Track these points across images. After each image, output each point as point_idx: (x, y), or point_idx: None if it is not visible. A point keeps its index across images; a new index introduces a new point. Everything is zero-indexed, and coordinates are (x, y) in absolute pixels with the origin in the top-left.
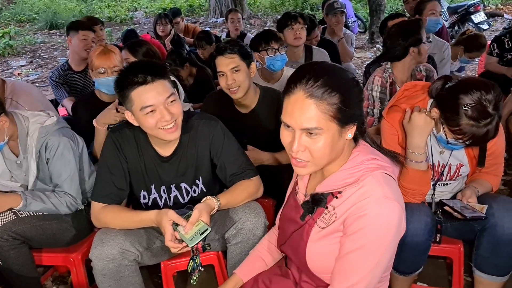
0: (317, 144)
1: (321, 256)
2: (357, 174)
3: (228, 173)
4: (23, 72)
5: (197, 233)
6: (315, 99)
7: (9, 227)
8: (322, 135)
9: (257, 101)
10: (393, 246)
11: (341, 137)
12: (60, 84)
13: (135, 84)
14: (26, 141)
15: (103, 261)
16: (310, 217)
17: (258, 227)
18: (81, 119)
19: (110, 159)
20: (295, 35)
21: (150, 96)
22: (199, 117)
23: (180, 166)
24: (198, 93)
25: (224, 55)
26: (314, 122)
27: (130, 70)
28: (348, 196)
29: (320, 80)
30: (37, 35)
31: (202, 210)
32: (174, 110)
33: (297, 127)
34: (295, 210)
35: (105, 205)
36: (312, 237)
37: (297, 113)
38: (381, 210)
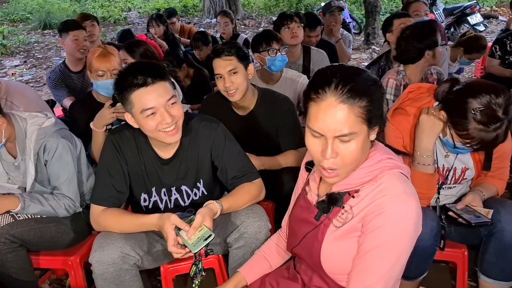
0: (349, 149)
1: (337, 256)
2: (375, 172)
3: (229, 176)
4: (17, 72)
5: (201, 238)
6: (349, 104)
7: (7, 230)
8: (355, 139)
9: (255, 103)
10: (410, 244)
11: (368, 139)
12: (58, 84)
13: (135, 86)
14: (24, 142)
15: (104, 265)
16: (326, 217)
17: (261, 230)
18: (78, 121)
19: (110, 161)
20: (292, 34)
21: (151, 98)
22: (199, 119)
23: (181, 169)
24: (196, 94)
25: (221, 57)
26: (349, 128)
27: (130, 72)
28: (365, 195)
29: (350, 84)
30: (31, 35)
31: (205, 215)
32: (175, 113)
33: (331, 135)
34: (307, 210)
35: (105, 208)
36: (327, 237)
37: (330, 119)
38: (400, 207)
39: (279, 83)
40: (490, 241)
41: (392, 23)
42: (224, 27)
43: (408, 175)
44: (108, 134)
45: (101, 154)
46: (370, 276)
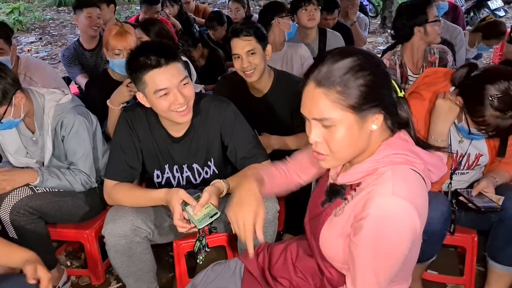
0: (334, 136)
1: (332, 245)
2: (378, 165)
3: (238, 156)
4: (32, 49)
5: (207, 215)
6: (324, 88)
7: (26, 202)
8: (338, 126)
9: (271, 84)
10: (402, 249)
11: (362, 128)
12: (72, 62)
13: (149, 67)
14: (42, 118)
15: (115, 237)
16: (329, 206)
17: (269, 211)
18: (94, 98)
19: (123, 137)
20: (309, 16)
21: (164, 79)
22: (210, 99)
23: (192, 148)
24: (210, 74)
25: (240, 37)
26: (324, 112)
27: (142, 52)
28: (362, 190)
29: (326, 68)
30: (46, 12)
31: (212, 193)
32: (187, 93)
33: (310, 117)
34: (320, 194)
35: (117, 182)
36: (326, 225)
37: (308, 103)
38: (384, 210)
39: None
40: (500, 227)
41: None
42: (235, 12)
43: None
44: (122, 111)
45: (114, 131)
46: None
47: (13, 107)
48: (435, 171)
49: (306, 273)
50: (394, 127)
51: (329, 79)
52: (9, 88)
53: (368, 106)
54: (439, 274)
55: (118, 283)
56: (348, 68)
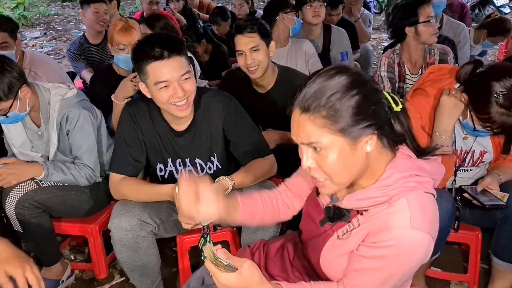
0: (326, 160)
1: (333, 265)
2: (391, 193)
3: (241, 151)
4: (37, 44)
5: None
6: (309, 114)
7: (31, 196)
8: (328, 150)
9: (275, 80)
10: (411, 273)
11: (355, 151)
12: (78, 56)
13: (152, 58)
14: (48, 112)
15: (122, 232)
16: (330, 227)
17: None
18: (99, 93)
19: (127, 131)
20: (314, 12)
21: (166, 71)
22: (213, 94)
23: (194, 142)
24: (214, 70)
25: (243, 33)
26: (311, 137)
27: (148, 43)
28: (374, 215)
29: (311, 92)
30: (51, 7)
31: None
32: (187, 87)
33: (298, 142)
34: (316, 210)
35: (123, 177)
36: (327, 246)
37: (295, 128)
38: (406, 244)
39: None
40: (505, 224)
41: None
42: (239, 8)
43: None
44: (124, 105)
45: (118, 125)
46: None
47: (19, 101)
48: (438, 178)
49: (302, 272)
50: (391, 145)
51: (313, 103)
52: (15, 82)
53: (358, 128)
54: (442, 271)
55: (122, 277)
56: (334, 90)
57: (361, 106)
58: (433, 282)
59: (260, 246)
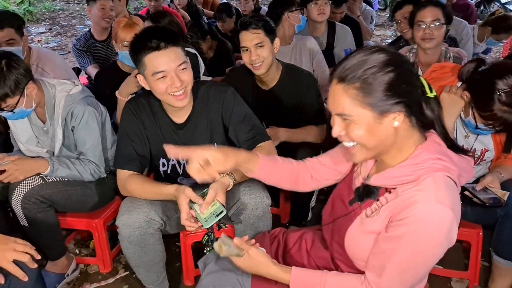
0: (353, 130)
1: (358, 245)
2: (419, 172)
3: (239, 138)
4: (42, 39)
5: (213, 214)
6: (343, 85)
7: (37, 190)
8: (355, 122)
9: (279, 77)
10: (437, 255)
11: (381, 124)
12: (83, 52)
13: (149, 49)
14: (53, 108)
15: (130, 229)
16: (358, 206)
17: (258, 207)
18: (104, 90)
19: (129, 127)
20: (319, 10)
21: (162, 62)
22: (210, 85)
23: (195, 133)
24: (218, 67)
25: (248, 30)
26: (343, 109)
27: (145, 35)
28: (401, 194)
29: (349, 65)
30: (56, 2)
31: (218, 190)
32: (184, 78)
33: (332, 112)
34: (347, 191)
35: (130, 174)
36: (354, 225)
37: (331, 98)
38: (430, 216)
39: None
40: (506, 222)
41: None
42: (244, 5)
43: (463, 174)
44: (126, 102)
45: (120, 122)
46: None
47: (25, 98)
48: (465, 176)
49: (319, 262)
50: (420, 126)
51: (350, 75)
52: (21, 78)
53: (387, 103)
54: (443, 268)
55: (126, 271)
56: (371, 65)
57: (393, 83)
58: (434, 278)
59: (280, 234)
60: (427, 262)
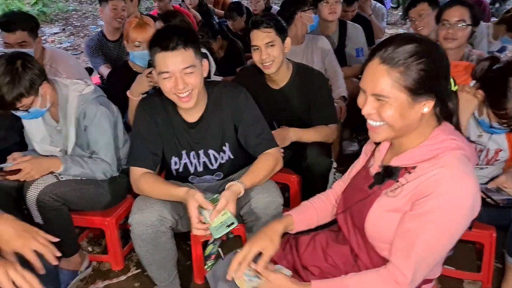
0: (385, 110)
1: (380, 226)
2: (436, 151)
3: (248, 141)
4: (56, 40)
5: (223, 224)
6: (387, 66)
7: (51, 189)
8: (390, 103)
9: (290, 77)
10: (462, 227)
11: (412, 109)
12: (96, 52)
13: (160, 48)
14: (66, 108)
15: (143, 227)
16: (378, 188)
17: (270, 206)
18: (115, 89)
19: (143, 125)
20: (330, 9)
21: (169, 63)
22: (223, 85)
23: (207, 133)
24: (229, 66)
25: (259, 28)
26: (380, 89)
27: (160, 33)
28: (422, 173)
29: (397, 48)
30: (69, 3)
31: (229, 199)
32: (189, 81)
33: (368, 92)
34: (365, 180)
35: (143, 172)
36: (375, 205)
37: (369, 78)
38: (455, 188)
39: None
40: None
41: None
42: (255, 4)
43: (471, 157)
44: (139, 101)
45: (134, 120)
46: (410, 255)
47: (40, 98)
48: (472, 160)
49: (337, 259)
50: (441, 116)
51: (394, 59)
52: (36, 79)
53: (423, 91)
54: (456, 270)
55: (138, 269)
56: (414, 52)
57: (433, 74)
58: (447, 280)
59: (290, 238)
60: (454, 236)
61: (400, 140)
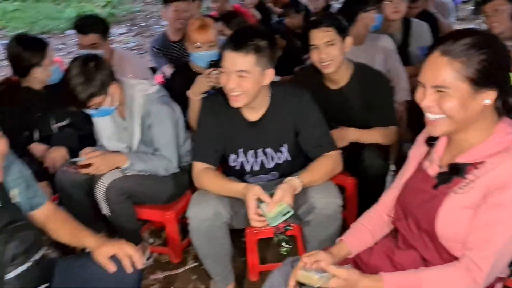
0: (446, 102)
1: (452, 224)
2: (506, 143)
3: (308, 144)
4: (123, 40)
5: (280, 213)
6: (448, 57)
7: (117, 183)
8: (451, 95)
9: (349, 77)
10: None
11: (474, 100)
12: (159, 52)
13: (228, 43)
14: (132, 107)
15: (198, 220)
16: (445, 187)
17: (329, 207)
18: (177, 89)
19: (207, 123)
20: (394, 8)
21: (228, 62)
22: (287, 87)
23: (267, 132)
24: (287, 65)
25: (319, 28)
26: (441, 80)
27: (239, 32)
28: (493, 166)
29: (457, 40)
30: (135, 4)
31: (285, 191)
32: (241, 84)
33: (428, 84)
34: (424, 182)
35: (205, 167)
36: (445, 204)
37: (429, 70)
38: None
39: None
40: None
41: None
42: (315, 2)
43: None
44: (203, 99)
45: (199, 118)
46: (488, 248)
47: (109, 97)
48: None
49: (407, 265)
50: (499, 110)
51: (455, 50)
52: (106, 79)
53: (485, 82)
54: None
55: (195, 263)
56: (474, 43)
57: (495, 65)
58: None
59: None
60: None
61: (462, 136)
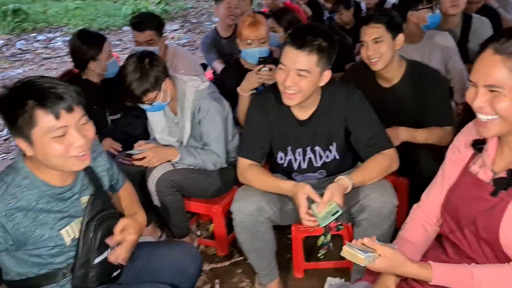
0: (500, 102)
1: None
2: None
3: (360, 143)
4: (175, 36)
5: (329, 213)
6: (502, 56)
7: (168, 176)
8: (504, 95)
9: (402, 75)
10: None
11: None
12: (210, 48)
13: (291, 40)
14: (183, 102)
15: (242, 215)
16: (506, 193)
17: (385, 206)
18: (227, 86)
19: (255, 119)
20: (452, 2)
21: (288, 57)
22: (339, 85)
23: (316, 130)
24: (338, 62)
25: (368, 24)
26: (494, 79)
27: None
28: None
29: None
30: (188, 1)
31: (335, 191)
32: (299, 83)
33: (480, 83)
34: (477, 188)
35: (250, 164)
36: (508, 212)
37: (481, 69)
38: None
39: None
40: None
41: None
42: None
43: None
44: (254, 95)
45: (247, 114)
46: None
47: (162, 92)
48: None
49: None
50: None
51: (509, 48)
52: (160, 75)
53: None
54: None
55: (241, 257)
56: None
57: None
58: None
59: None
60: None
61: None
